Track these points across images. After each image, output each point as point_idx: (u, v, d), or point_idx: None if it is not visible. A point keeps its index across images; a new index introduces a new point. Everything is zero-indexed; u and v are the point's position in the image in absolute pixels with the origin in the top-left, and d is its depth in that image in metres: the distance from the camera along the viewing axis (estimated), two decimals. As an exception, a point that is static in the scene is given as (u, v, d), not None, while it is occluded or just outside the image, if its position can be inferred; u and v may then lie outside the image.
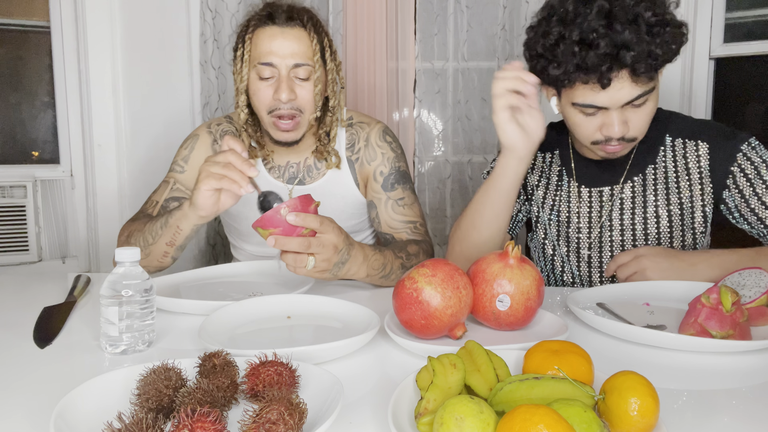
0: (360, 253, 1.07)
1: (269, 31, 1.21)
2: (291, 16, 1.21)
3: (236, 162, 0.99)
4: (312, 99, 1.24)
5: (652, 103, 1.10)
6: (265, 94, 1.22)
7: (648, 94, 1.07)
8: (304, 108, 1.24)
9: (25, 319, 0.95)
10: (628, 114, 1.09)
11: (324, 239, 0.97)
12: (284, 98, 1.20)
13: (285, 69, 1.21)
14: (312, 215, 0.95)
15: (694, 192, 1.19)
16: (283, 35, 1.20)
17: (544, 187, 1.32)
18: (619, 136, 1.09)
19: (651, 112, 1.11)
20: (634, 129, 1.10)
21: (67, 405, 0.57)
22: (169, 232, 1.13)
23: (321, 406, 0.60)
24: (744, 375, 0.75)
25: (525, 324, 0.88)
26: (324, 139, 1.33)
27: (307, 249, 0.95)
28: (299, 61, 1.21)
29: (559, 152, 1.33)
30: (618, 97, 1.06)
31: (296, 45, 1.21)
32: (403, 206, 1.34)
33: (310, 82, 1.23)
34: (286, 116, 1.22)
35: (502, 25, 2.17)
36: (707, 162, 1.18)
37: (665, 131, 1.23)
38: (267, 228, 0.93)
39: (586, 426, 0.49)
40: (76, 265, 2.29)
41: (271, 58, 1.20)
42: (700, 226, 1.19)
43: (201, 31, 2.18)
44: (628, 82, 1.04)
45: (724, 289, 0.84)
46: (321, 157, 1.34)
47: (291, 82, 1.22)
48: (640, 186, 1.22)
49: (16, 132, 2.26)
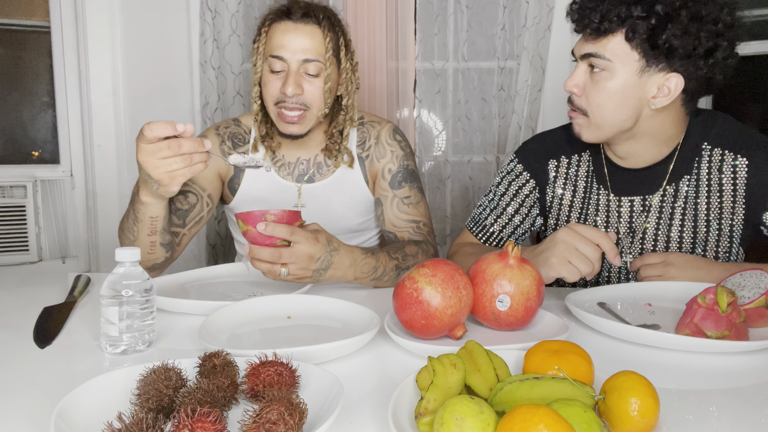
0: (346, 258, 1.08)
1: (283, 26, 1.23)
2: (307, 13, 1.23)
3: (191, 147, 0.96)
4: (320, 96, 1.25)
5: (609, 83, 1.06)
6: (274, 87, 1.24)
7: (601, 61, 1.06)
8: (311, 104, 1.25)
9: (25, 319, 0.95)
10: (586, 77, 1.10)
11: (296, 250, 1.00)
12: (290, 92, 1.21)
13: (295, 64, 1.22)
14: (283, 226, 0.99)
15: (724, 208, 1.14)
16: (296, 30, 1.22)
17: (570, 194, 1.27)
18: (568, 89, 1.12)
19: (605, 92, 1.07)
20: (585, 99, 1.11)
21: (67, 405, 0.57)
22: (145, 225, 1.11)
23: (321, 406, 0.60)
24: (743, 375, 0.75)
25: (525, 324, 0.88)
26: (336, 137, 1.35)
27: (278, 260, 1.00)
28: (309, 56, 1.22)
29: (591, 155, 1.27)
30: (578, 46, 1.10)
31: (308, 41, 1.22)
32: (408, 205, 1.35)
33: (319, 78, 1.24)
34: (291, 109, 1.24)
35: (502, 25, 2.17)
36: (744, 179, 1.13)
37: (705, 137, 1.16)
38: (248, 225, 0.99)
39: (586, 426, 0.49)
40: (76, 265, 2.29)
41: (282, 51, 1.22)
42: (725, 242, 1.16)
43: (201, 31, 2.18)
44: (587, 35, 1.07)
45: (720, 290, 0.84)
46: (331, 155, 1.35)
47: (299, 77, 1.23)
48: (671, 196, 1.17)
49: (16, 132, 2.26)
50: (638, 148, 1.15)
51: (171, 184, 0.98)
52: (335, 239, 1.08)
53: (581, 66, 1.10)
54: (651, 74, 1.05)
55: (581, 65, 1.10)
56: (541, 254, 1.01)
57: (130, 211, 1.12)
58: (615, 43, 1.04)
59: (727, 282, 0.96)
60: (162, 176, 0.96)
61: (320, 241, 1.03)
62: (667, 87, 1.05)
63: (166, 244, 1.18)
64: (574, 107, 1.14)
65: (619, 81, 1.06)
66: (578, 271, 0.97)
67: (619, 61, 1.05)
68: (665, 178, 1.18)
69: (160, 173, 0.95)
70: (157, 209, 1.09)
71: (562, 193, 1.28)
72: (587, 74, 1.10)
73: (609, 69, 1.06)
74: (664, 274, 1.07)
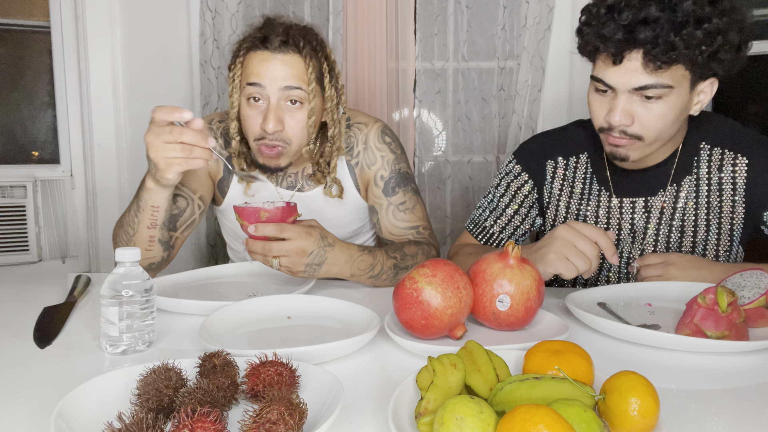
0: (342, 254, 1.08)
1: (260, 55, 1.14)
2: (286, 41, 1.14)
3: (193, 139, 0.97)
4: (302, 130, 1.18)
5: (665, 107, 1.03)
6: (254, 122, 1.17)
7: (660, 90, 1.01)
8: (291, 140, 1.18)
9: (25, 319, 0.95)
10: (635, 105, 1.03)
11: (287, 244, 1.01)
12: (270, 129, 1.14)
13: (275, 95, 1.14)
14: (272, 225, 1.01)
15: (724, 207, 1.15)
16: (274, 60, 1.14)
17: (567, 196, 1.27)
18: (618, 124, 1.04)
19: (662, 116, 1.04)
20: (639, 126, 1.04)
21: (67, 405, 0.57)
22: (147, 215, 1.10)
23: (321, 406, 0.60)
24: (743, 375, 0.75)
25: (525, 324, 0.88)
26: (324, 167, 1.28)
27: (269, 253, 1.02)
28: (291, 83, 1.14)
29: (590, 157, 1.26)
30: (626, 78, 1.01)
31: (288, 70, 1.14)
32: (404, 211, 1.32)
33: (303, 111, 1.17)
34: (271, 147, 1.17)
35: (502, 25, 2.17)
36: (744, 179, 1.13)
37: (703, 137, 1.17)
38: (242, 219, 1.02)
39: (586, 426, 0.49)
40: (76, 265, 2.29)
41: (259, 79, 1.14)
42: (725, 242, 1.16)
43: (201, 31, 2.18)
44: (639, 65, 0.99)
45: (720, 290, 0.84)
46: (318, 183, 1.31)
47: (280, 111, 1.15)
48: (672, 197, 1.17)
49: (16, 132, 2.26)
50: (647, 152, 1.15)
51: (167, 171, 1.00)
52: (331, 236, 1.08)
53: (625, 97, 1.04)
54: (699, 85, 1.06)
55: (626, 96, 1.03)
56: (538, 250, 1.00)
57: (134, 203, 1.13)
58: (675, 69, 1.01)
59: (727, 282, 0.96)
60: (159, 160, 0.99)
61: (313, 236, 1.03)
62: (706, 92, 1.07)
63: (165, 242, 1.17)
64: (623, 136, 1.07)
65: (678, 102, 1.04)
66: (575, 268, 0.96)
67: (678, 84, 1.03)
68: (668, 179, 1.18)
69: (158, 156, 0.98)
70: (159, 198, 1.08)
71: (559, 193, 1.28)
72: (634, 102, 1.04)
73: (667, 94, 1.03)
74: (664, 274, 1.07)
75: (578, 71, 2.17)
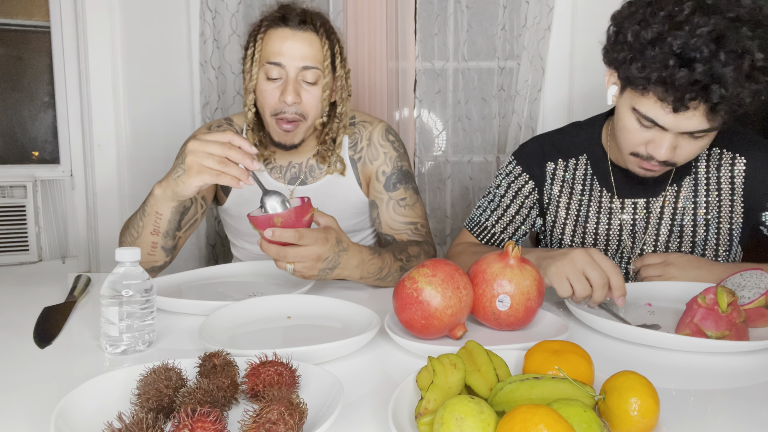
0: (354, 258, 1.07)
1: (281, 32, 1.21)
2: (304, 20, 1.21)
3: (237, 157, 0.99)
4: (317, 104, 1.24)
5: (708, 139, 1.02)
6: (272, 96, 1.22)
7: (713, 131, 1.00)
8: (308, 113, 1.24)
9: (25, 319, 0.95)
10: (681, 141, 1.01)
11: (302, 251, 0.99)
12: (289, 101, 1.20)
13: (294, 71, 1.21)
14: (290, 230, 0.97)
15: (723, 207, 1.15)
16: (294, 37, 1.20)
17: (567, 197, 1.26)
18: (663, 159, 1.02)
19: (703, 147, 1.03)
20: (679, 156, 1.03)
21: (67, 405, 0.57)
22: (150, 220, 1.13)
23: (321, 406, 0.60)
24: (743, 375, 0.75)
25: (525, 324, 0.88)
26: (329, 144, 1.33)
27: (284, 258, 0.99)
28: (308, 63, 1.21)
29: (589, 158, 1.25)
30: (684, 125, 0.97)
31: (307, 48, 1.21)
32: (404, 207, 1.34)
33: (317, 87, 1.23)
34: (288, 120, 1.22)
35: (502, 25, 2.17)
36: (742, 179, 1.13)
37: None
38: (257, 228, 0.99)
39: (586, 426, 0.49)
40: (76, 265, 2.29)
41: (281, 58, 1.20)
42: (724, 242, 1.16)
43: (201, 31, 2.18)
44: (701, 115, 0.95)
45: (720, 290, 0.84)
46: (323, 162, 1.35)
47: (298, 85, 1.21)
48: (673, 197, 1.17)
49: (16, 132, 2.26)
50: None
51: (194, 178, 1.01)
52: (345, 238, 1.06)
53: (675, 135, 1.00)
54: None
55: (672, 136, 1.00)
56: (545, 259, 0.99)
57: (141, 207, 1.15)
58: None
59: (727, 282, 0.96)
60: (193, 164, 1.00)
61: (329, 241, 1.02)
62: None
63: (168, 249, 1.19)
64: (662, 166, 1.06)
65: (714, 132, 1.02)
66: (571, 290, 0.94)
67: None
68: (669, 180, 1.18)
69: (194, 161, 1.00)
70: (164, 207, 1.10)
71: (559, 195, 1.28)
72: (681, 138, 1.01)
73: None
74: (664, 274, 1.07)
75: (578, 71, 2.17)
